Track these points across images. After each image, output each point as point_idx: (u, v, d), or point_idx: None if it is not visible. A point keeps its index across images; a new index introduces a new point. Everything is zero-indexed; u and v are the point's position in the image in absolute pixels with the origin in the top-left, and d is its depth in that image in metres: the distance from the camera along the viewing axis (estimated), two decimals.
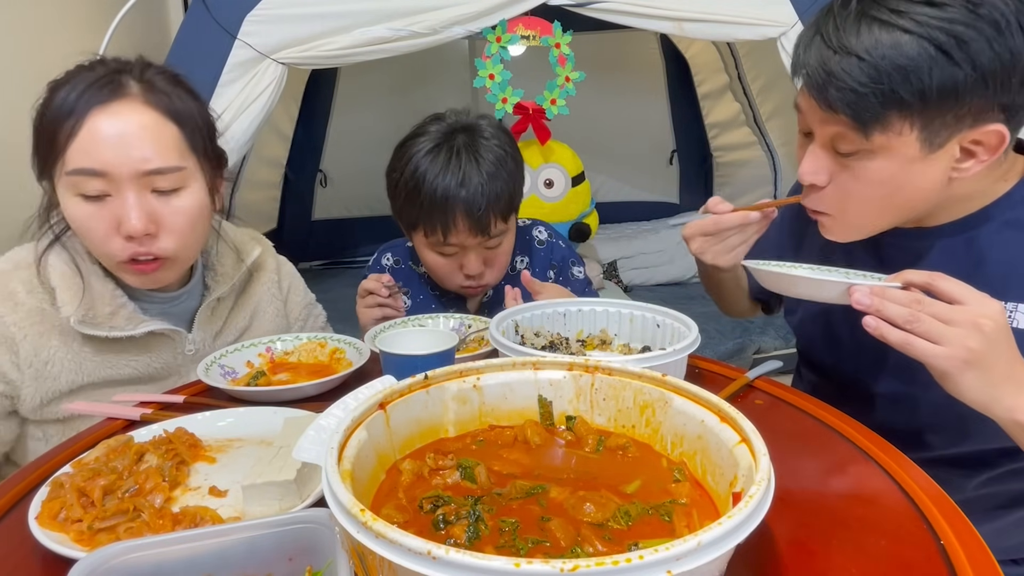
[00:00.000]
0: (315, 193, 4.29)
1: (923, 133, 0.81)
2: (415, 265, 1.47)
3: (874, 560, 0.62)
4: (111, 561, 0.53)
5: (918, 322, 0.74)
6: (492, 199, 1.22)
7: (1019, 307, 0.87)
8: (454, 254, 1.29)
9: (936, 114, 0.79)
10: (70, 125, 0.96)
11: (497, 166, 1.25)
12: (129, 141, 0.98)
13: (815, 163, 0.89)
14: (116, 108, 0.98)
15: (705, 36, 2.49)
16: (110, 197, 0.98)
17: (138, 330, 1.06)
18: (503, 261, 1.33)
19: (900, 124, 0.80)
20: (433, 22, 2.27)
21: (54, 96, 0.98)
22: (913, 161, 0.82)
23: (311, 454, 0.58)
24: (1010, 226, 0.89)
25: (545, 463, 0.67)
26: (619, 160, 4.34)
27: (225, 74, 2.17)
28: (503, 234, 1.29)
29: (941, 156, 0.83)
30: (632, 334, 1.12)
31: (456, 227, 1.23)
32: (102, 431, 0.91)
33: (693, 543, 0.42)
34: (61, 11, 2.30)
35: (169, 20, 3.01)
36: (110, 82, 0.99)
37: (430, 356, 0.92)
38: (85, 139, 0.96)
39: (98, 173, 0.96)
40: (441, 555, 0.42)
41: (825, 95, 0.82)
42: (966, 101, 0.78)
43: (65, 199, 1.00)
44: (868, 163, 0.84)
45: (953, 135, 0.81)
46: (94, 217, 0.99)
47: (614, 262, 3.74)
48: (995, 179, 0.91)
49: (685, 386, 0.66)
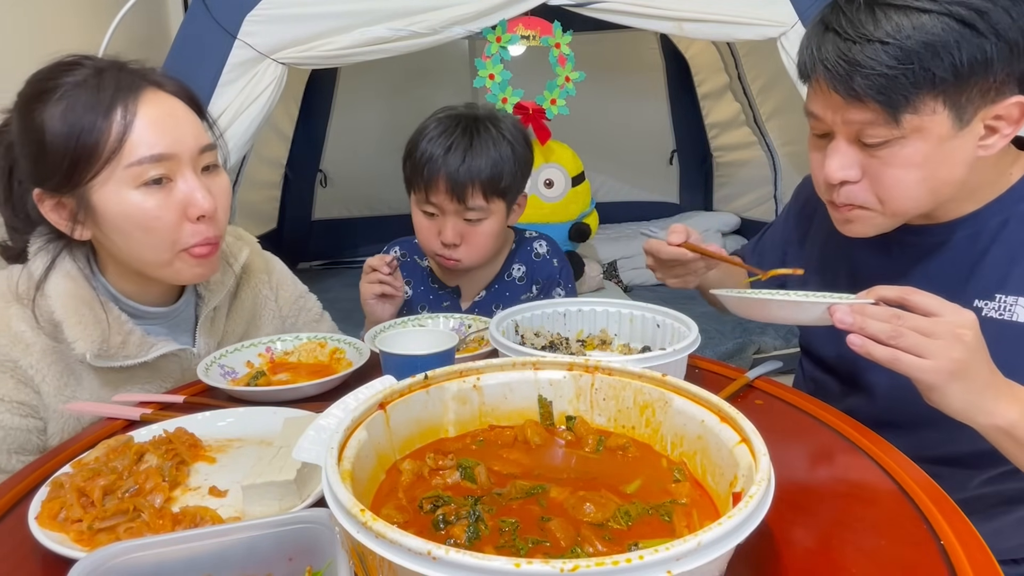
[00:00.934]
0: (315, 193, 4.30)
1: (953, 110, 0.81)
2: (419, 259, 1.52)
3: (874, 560, 0.62)
4: (111, 561, 0.53)
5: (902, 337, 0.74)
6: (475, 171, 1.29)
7: (1019, 300, 0.88)
8: (435, 216, 1.35)
9: (965, 88, 0.80)
10: (119, 119, 0.93)
11: (489, 145, 1.31)
12: (178, 122, 0.99)
13: (843, 159, 0.89)
14: (149, 96, 0.97)
15: (705, 36, 2.49)
16: (171, 182, 0.97)
17: (150, 355, 1.05)
18: (481, 243, 1.36)
19: (933, 103, 0.81)
20: (433, 22, 2.27)
21: (70, 100, 0.93)
22: (944, 140, 0.83)
23: (311, 454, 0.58)
24: (1011, 221, 0.91)
25: (545, 463, 0.67)
26: (619, 160, 4.34)
27: (225, 74, 2.17)
28: (484, 212, 1.33)
29: (968, 134, 0.84)
30: (632, 334, 1.12)
31: (437, 188, 1.31)
32: (102, 431, 0.91)
33: (693, 543, 0.42)
34: (61, 11, 2.30)
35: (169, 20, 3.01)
36: (128, 74, 0.98)
37: (430, 356, 0.92)
38: (142, 128, 0.94)
39: (165, 157, 0.95)
40: (441, 555, 0.42)
41: (851, 85, 0.82)
42: (994, 71, 0.79)
43: (122, 196, 0.95)
44: (900, 149, 0.84)
45: (979, 110, 0.82)
46: (162, 205, 0.96)
47: (614, 262, 3.73)
48: (1000, 171, 0.92)
49: (685, 386, 0.66)
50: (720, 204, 4.31)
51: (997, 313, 0.90)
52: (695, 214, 4.20)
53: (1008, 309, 0.89)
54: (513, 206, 1.42)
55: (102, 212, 0.96)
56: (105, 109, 0.93)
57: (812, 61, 0.87)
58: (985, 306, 0.91)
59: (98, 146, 0.92)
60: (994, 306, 0.90)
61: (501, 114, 1.39)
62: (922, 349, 0.74)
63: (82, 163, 0.93)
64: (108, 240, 0.99)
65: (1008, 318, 0.89)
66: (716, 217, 4.08)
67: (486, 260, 1.41)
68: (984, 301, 0.91)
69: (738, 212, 4.08)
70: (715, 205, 4.34)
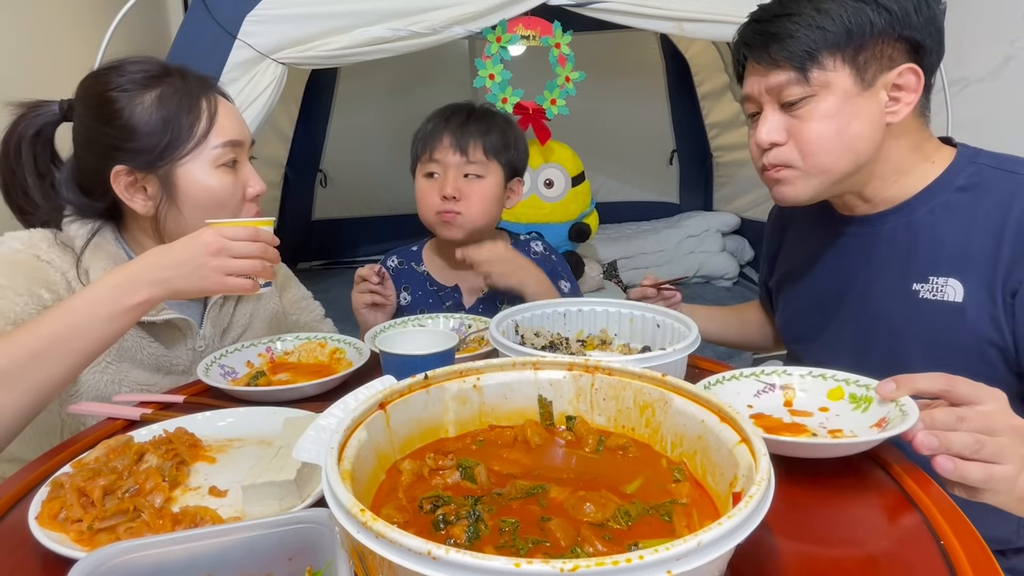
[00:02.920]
0: (315, 193, 4.30)
1: (853, 68, 0.97)
2: (416, 265, 1.54)
3: (874, 560, 0.62)
4: (111, 561, 0.53)
5: (983, 447, 0.69)
6: (476, 131, 1.40)
7: (948, 281, 0.99)
8: (435, 178, 1.41)
9: (860, 50, 0.96)
10: (209, 107, 1.10)
11: (488, 117, 1.43)
12: (240, 117, 1.17)
13: (770, 124, 1.03)
14: (218, 95, 1.14)
15: (705, 36, 2.49)
16: (237, 165, 1.13)
17: (159, 316, 1.11)
18: (479, 199, 1.40)
19: (832, 60, 0.97)
20: (433, 22, 2.27)
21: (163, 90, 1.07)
22: (851, 96, 0.98)
23: (311, 454, 0.58)
24: (938, 210, 1.02)
25: (545, 463, 0.67)
26: (619, 160, 4.35)
27: (225, 74, 2.17)
28: (483, 169, 1.40)
29: (872, 96, 0.98)
30: (632, 334, 1.12)
31: (440, 144, 1.39)
32: (102, 431, 0.91)
33: (693, 543, 0.42)
34: (61, 11, 2.30)
35: (169, 20, 3.02)
36: (196, 76, 1.13)
37: (430, 356, 0.92)
38: (223, 116, 1.11)
39: (238, 143, 1.13)
40: (441, 555, 0.42)
41: (767, 52, 1.00)
42: (880, 34, 0.96)
43: (205, 173, 1.09)
44: (815, 105, 0.98)
45: (877, 75, 0.97)
46: (233, 183, 1.12)
47: (614, 262, 3.73)
48: (923, 158, 1.04)
49: (685, 386, 0.66)
50: (720, 204, 4.31)
51: (931, 294, 1.00)
52: (695, 214, 4.20)
53: (940, 290, 0.99)
54: (508, 188, 1.46)
55: (184, 188, 1.08)
56: (195, 99, 1.09)
57: (739, 48, 1.06)
58: (922, 288, 1.01)
59: (193, 129, 1.08)
60: (928, 288, 1.01)
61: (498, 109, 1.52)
62: (999, 454, 0.69)
63: (178, 143, 1.07)
64: (177, 214, 1.09)
65: (941, 298, 0.99)
66: (716, 217, 4.09)
67: (484, 225, 1.43)
68: (920, 284, 1.02)
69: (738, 212, 4.08)
70: (715, 205, 4.34)
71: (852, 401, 0.86)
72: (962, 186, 1.01)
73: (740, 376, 0.93)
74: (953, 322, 0.98)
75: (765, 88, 1.02)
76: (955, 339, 0.97)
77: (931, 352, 1.00)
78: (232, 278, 0.96)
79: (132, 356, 1.10)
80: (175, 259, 0.94)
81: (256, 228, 0.99)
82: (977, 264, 0.97)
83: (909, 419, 0.73)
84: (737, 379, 0.92)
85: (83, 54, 2.11)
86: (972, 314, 0.96)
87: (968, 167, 1.02)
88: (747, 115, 1.10)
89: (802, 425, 0.84)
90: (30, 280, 1.01)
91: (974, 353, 0.97)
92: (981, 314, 0.96)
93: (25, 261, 1.03)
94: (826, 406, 0.87)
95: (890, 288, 1.05)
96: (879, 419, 0.80)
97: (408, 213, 1.44)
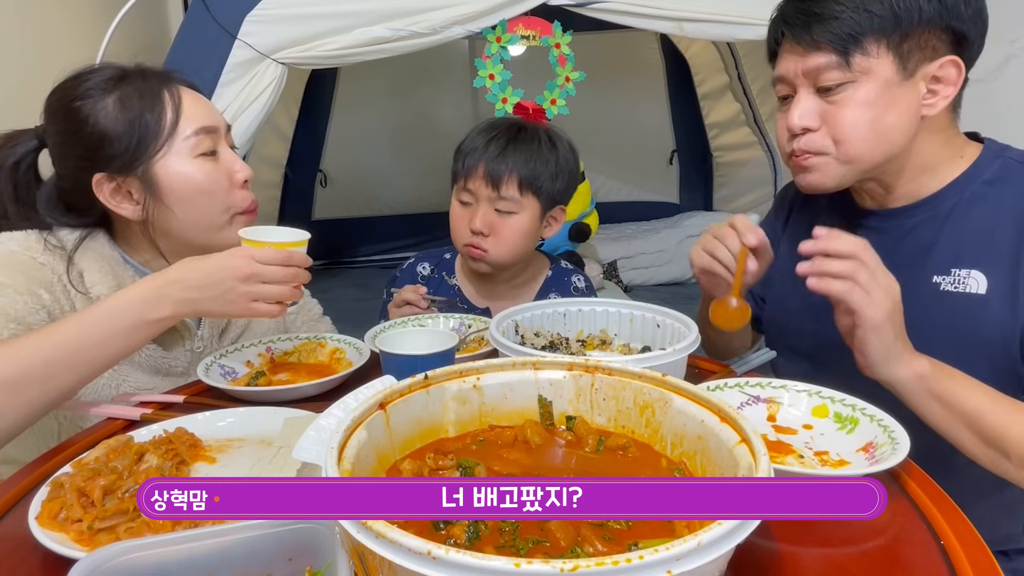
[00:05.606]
0: (315, 193, 4.30)
1: (896, 56, 0.94)
2: (448, 276, 1.52)
3: (874, 560, 0.62)
4: (111, 561, 0.53)
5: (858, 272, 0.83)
6: (512, 162, 1.34)
7: (972, 273, 0.98)
8: (469, 206, 1.38)
9: (905, 37, 0.93)
10: (172, 99, 1.06)
11: (533, 144, 1.38)
12: (208, 104, 1.13)
13: (803, 108, 0.99)
14: (181, 86, 1.10)
15: (705, 36, 2.49)
16: (216, 154, 1.10)
17: None
18: (509, 237, 1.36)
19: (876, 46, 0.93)
20: (433, 22, 2.27)
21: (122, 91, 1.04)
22: (891, 85, 0.94)
23: (311, 454, 0.58)
24: (960, 203, 1.01)
25: (545, 463, 0.67)
26: (619, 160, 4.35)
27: (225, 74, 2.17)
28: (516, 205, 1.35)
29: (911, 87, 0.95)
30: (632, 334, 1.12)
31: (475, 174, 1.35)
32: (102, 431, 0.91)
33: (693, 543, 0.42)
34: (61, 11, 2.30)
35: (169, 20, 3.02)
36: (155, 72, 1.10)
37: (430, 356, 0.92)
38: (189, 104, 1.08)
39: (211, 129, 1.09)
40: (441, 555, 0.42)
41: (810, 33, 0.95)
42: (929, 22, 0.92)
43: (185, 165, 1.06)
44: (853, 92, 0.95)
45: (919, 64, 0.94)
46: (216, 171, 1.09)
47: (614, 262, 3.74)
48: (952, 153, 1.02)
49: (685, 386, 0.66)
50: (720, 204, 4.31)
51: (952, 286, 0.99)
52: (695, 214, 4.20)
53: (962, 282, 0.98)
54: (548, 216, 1.41)
55: (166, 184, 1.05)
56: (156, 94, 1.06)
57: (777, 26, 1.01)
58: (943, 281, 1.00)
59: (160, 124, 1.05)
60: (950, 280, 0.99)
61: (559, 130, 1.46)
62: (871, 287, 0.83)
63: (148, 141, 1.04)
64: (167, 213, 1.07)
65: (963, 290, 0.98)
66: (716, 217, 4.09)
67: (512, 261, 1.40)
68: (942, 276, 1.00)
69: (738, 212, 4.08)
70: (715, 205, 4.35)
71: (837, 420, 0.85)
72: (989, 180, 1.00)
73: (724, 387, 0.92)
74: (975, 314, 0.96)
75: (802, 70, 0.97)
76: (977, 331, 0.96)
77: (950, 344, 0.96)
78: (260, 304, 0.95)
79: (131, 359, 1.09)
80: (203, 279, 0.92)
81: (290, 252, 0.95)
82: (1002, 255, 0.96)
83: (901, 450, 0.73)
84: (721, 389, 0.92)
85: (83, 54, 2.10)
86: (996, 305, 0.95)
87: (995, 161, 1.01)
88: (778, 97, 1.06)
89: (787, 444, 0.82)
90: (30, 280, 1.00)
91: (997, 345, 0.95)
92: (1005, 305, 0.95)
93: (24, 261, 1.02)
94: (810, 423, 0.86)
95: (907, 281, 1.01)
96: (865, 443, 0.79)
97: (408, 213, 1.44)
